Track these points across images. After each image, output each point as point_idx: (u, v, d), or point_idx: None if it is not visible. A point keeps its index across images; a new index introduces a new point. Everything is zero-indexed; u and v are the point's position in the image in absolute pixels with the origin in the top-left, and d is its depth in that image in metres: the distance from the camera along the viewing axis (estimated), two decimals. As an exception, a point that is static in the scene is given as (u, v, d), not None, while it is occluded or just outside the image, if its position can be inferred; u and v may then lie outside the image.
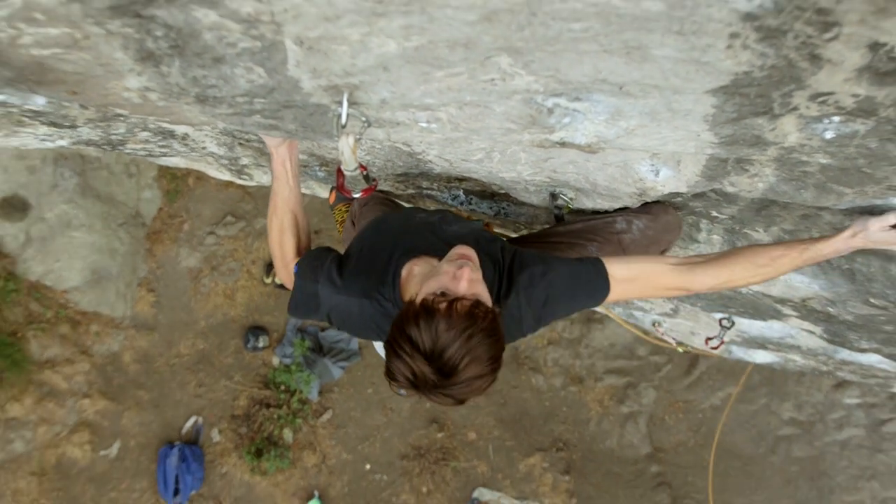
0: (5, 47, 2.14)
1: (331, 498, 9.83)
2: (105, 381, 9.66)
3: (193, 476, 9.52)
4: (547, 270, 2.96)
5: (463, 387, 2.42)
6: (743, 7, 1.67)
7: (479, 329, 2.38)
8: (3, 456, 9.32)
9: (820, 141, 2.36)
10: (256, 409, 9.86)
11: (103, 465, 9.59)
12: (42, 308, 9.38)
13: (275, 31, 1.98)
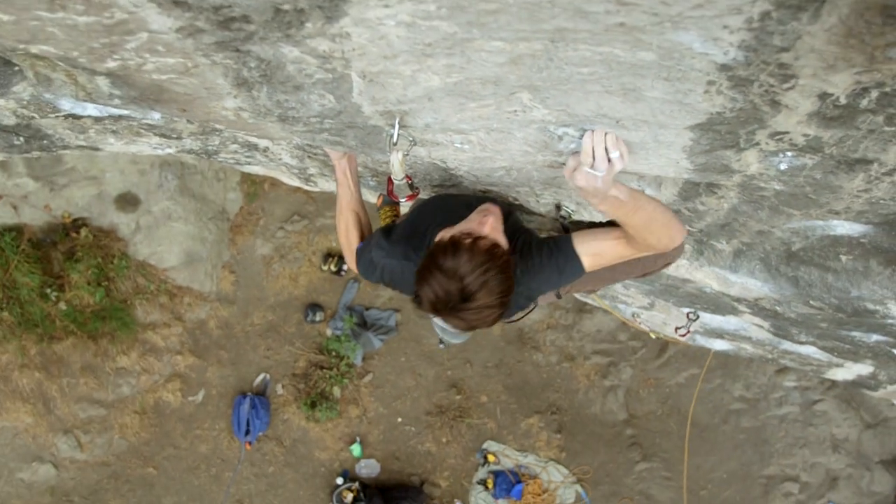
0: (132, 72, 2.16)
1: (369, 443, 9.85)
2: (194, 342, 9.72)
3: (261, 420, 9.55)
4: (542, 262, 2.86)
5: (475, 312, 2.42)
6: (720, 59, 1.68)
7: (496, 265, 2.38)
8: (114, 397, 9.40)
9: (776, 171, 2.36)
10: (312, 370, 9.88)
11: (190, 408, 9.65)
12: (147, 282, 9.44)
13: (344, 66, 2.00)
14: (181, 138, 3.69)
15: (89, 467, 9.30)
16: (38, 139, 3.70)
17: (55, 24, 1.91)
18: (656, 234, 2.59)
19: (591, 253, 2.79)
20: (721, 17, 1.51)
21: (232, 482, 9.54)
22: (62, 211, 8.97)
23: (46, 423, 9.14)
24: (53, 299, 8.95)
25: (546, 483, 9.65)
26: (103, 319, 9.23)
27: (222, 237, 9.85)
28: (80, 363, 9.29)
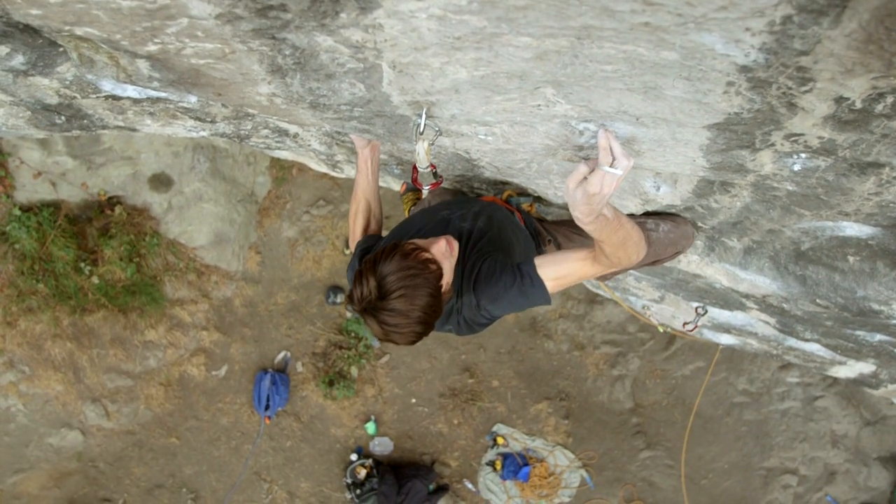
0: (172, 56, 2.17)
1: (383, 422, 9.87)
2: (219, 318, 9.76)
3: (280, 396, 9.59)
4: (507, 286, 2.74)
5: (389, 315, 2.38)
6: (740, 61, 1.67)
7: (424, 277, 2.36)
8: (141, 368, 9.46)
9: (789, 172, 2.34)
10: (331, 350, 9.90)
11: (213, 382, 9.70)
12: (176, 259, 9.49)
13: (375, 56, 1.99)
14: (215, 122, 3.70)
15: (115, 435, 9.38)
16: (78, 119, 3.72)
17: (100, 7, 1.92)
18: (629, 251, 2.50)
19: (554, 277, 2.69)
20: (744, 20, 1.49)
21: (251, 455, 9.60)
22: (98, 189, 9.02)
23: (76, 391, 9.21)
24: (87, 273, 9.01)
25: (552, 467, 9.65)
26: (133, 294, 9.28)
27: (250, 219, 9.88)
28: (109, 335, 9.35)
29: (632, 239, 2.46)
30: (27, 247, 8.70)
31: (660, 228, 3.46)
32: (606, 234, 2.35)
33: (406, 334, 2.45)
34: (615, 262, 2.54)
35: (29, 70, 2.64)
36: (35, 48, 2.45)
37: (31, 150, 8.63)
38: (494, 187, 3.91)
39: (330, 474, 9.70)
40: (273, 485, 9.61)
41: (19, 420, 9.06)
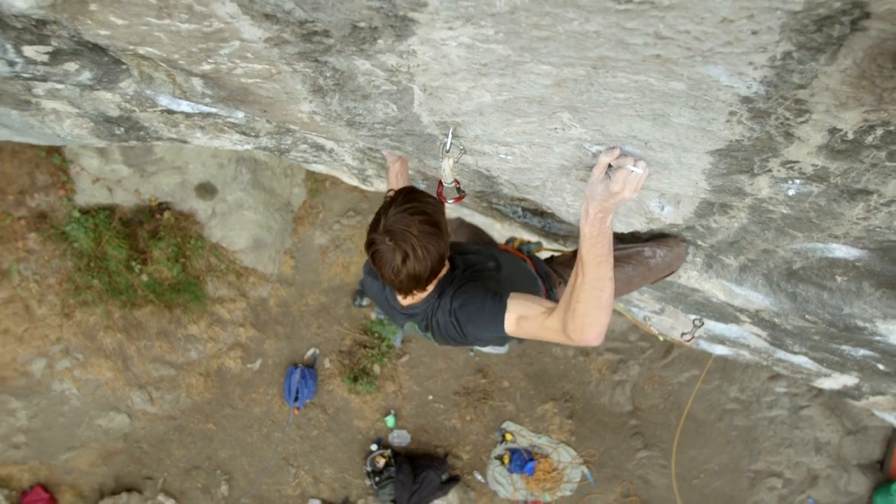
0: (223, 75, 2.19)
1: (402, 416, 9.86)
2: (255, 316, 9.79)
3: (309, 389, 9.60)
4: (478, 301, 2.66)
5: (392, 236, 2.45)
6: (743, 92, 1.66)
7: (421, 211, 2.46)
8: (183, 360, 9.50)
9: (784, 196, 2.33)
10: (356, 348, 9.90)
11: (248, 374, 9.73)
12: (218, 261, 9.53)
13: (408, 80, 2.00)
14: (258, 136, 3.73)
15: (158, 419, 9.42)
16: (135, 130, 3.76)
17: (161, 30, 1.94)
18: (593, 305, 2.26)
19: (518, 314, 2.55)
20: (747, 54, 1.49)
21: (280, 442, 9.61)
22: (150, 195, 9.09)
23: (124, 378, 9.26)
24: (137, 271, 9.08)
25: (556, 462, 9.60)
26: (178, 291, 9.34)
27: (286, 227, 9.92)
28: (156, 328, 9.40)
29: (605, 288, 2.26)
30: (84, 246, 8.79)
31: (657, 255, 3.46)
32: (596, 250, 2.24)
33: (400, 263, 2.47)
34: (570, 313, 2.31)
35: (95, 85, 2.66)
36: (101, 65, 2.48)
37: (90, 158, 8.71)
38: (512, 203, 3.91)
39: (352, 462, 9.69)
40: (300, 470, 9.61)
41: (73, 403, 9.12)
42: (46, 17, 1.99)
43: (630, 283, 3.40)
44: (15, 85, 2.81)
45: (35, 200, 8.77)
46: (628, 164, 2.17)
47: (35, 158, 8.65)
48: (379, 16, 1.67)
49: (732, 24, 1.39)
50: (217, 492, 9.36)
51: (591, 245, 2.24)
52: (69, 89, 2.87)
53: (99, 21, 1.95)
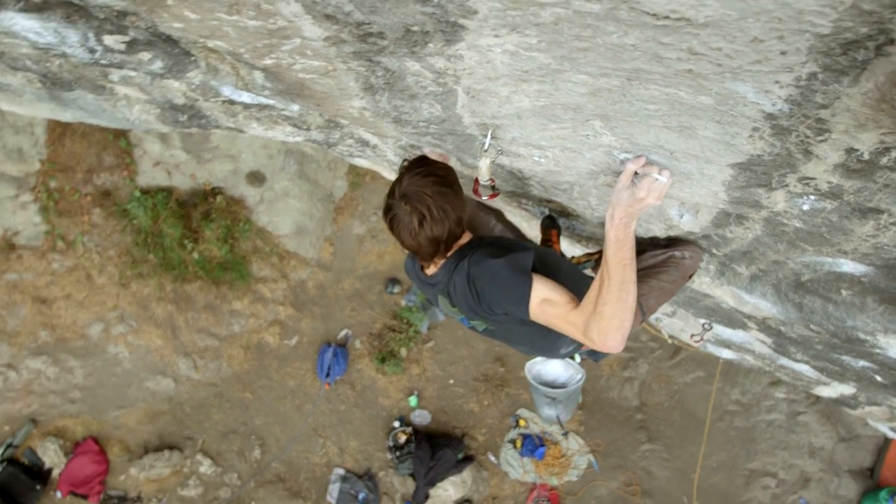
0: (283, 69, 2.21)
1: (424, 397, 9.88)
2: (294, 297, 9.86)
3: (340, 367, 9.65)
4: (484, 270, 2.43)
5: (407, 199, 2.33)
6: (767, 109, 1.65)
7: (434, 174, 2.36)
8: (226, 332, 9.60)
9: (798, 211, 2.29)
10: (386, 332, 9.94)
11: (285, 350, 9.81)
12: (263, 244, 9.62)
13: (454, 82, 2.00)
14: (309, 129, 3.74)
15: (200, 385, 9.53)
16: (197, 118, 3.80)
17: (230, 25, 1.96)
18: (619, 306, 2.16)
19: (544, 296, 2.33)
20: (775, 73, 1.48)
21: (310, 413, 9.68)
22: (204, 180, 9.20)
23: (172, 346, 9.39)
24: (189, 249, 9.19)
25: (565, 449, 9.57)
26: (225, 270, 9.44)
27: (327, 216, 9.98)
28: (203, 302, 9.51)
29: (630, 291, 2.18)
30: (143, 223, 8.92)
31: (685, 255, 3.36)
32: (621, 253, 2.16)
33: (418, 224, 2.34)
34: (592, 314, 2.19)
35: (165, 74, 2.70)
36: (172, 56, 2.51)
37: (152, 144, 8.83)
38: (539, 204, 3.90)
39: (375, 437, 9.73)
40: (327, 440, 9.67)
41: (124, 365, 9.26)
42: (127, 9, 2.02)
43: (674, 286, 3.29)
44: (93, 71, 2.86)
45: (101, 179, 8.91)
46: (654, 172, 2.15)
47: (103, 141, 8.78)
48: (431, 21, 1.67)
49: (763, 43, 1.37)
50: (250, 455, 9.46)
51: (616, 248, 2.17)
52: (141, 77, 2.91)
53: (174, 14, 1.98)
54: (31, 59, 2.71)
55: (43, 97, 3.59)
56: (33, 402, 8.96)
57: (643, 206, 2.18)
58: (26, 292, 8.86)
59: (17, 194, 8.59)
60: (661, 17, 1.37)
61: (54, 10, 2.22)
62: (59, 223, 8.84)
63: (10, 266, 8.75)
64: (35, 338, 8.96)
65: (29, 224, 8.74)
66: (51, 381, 9.00)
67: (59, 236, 8.85)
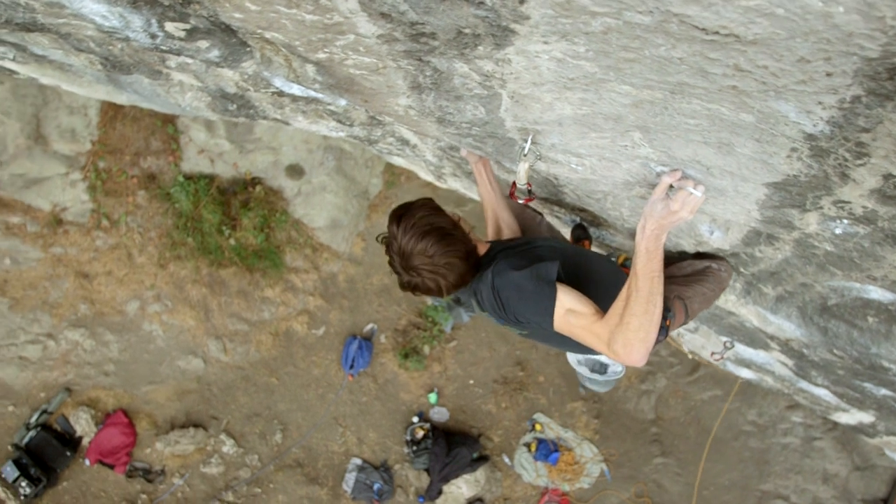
0: (335, 64, 2.23)
1: (444, 395, 9.89)
2: (324, 288, 9.92)
3: (364, 359, 9.69)
4: (508, 283, 2.40)
5: (417, 272, 2.40)
6: (808, 129, 1.63)
7: (424, 231, 2.37)
8: (257, 318, 9.69)
9: (831, 234, 2.26)
10: (410, 329, 9.96)
11: (312, 339, 9.87)
12: (297, 235, 9.69)
13: (500, 86, 2.01)
14: (352, 125, 3.77)
15: (228, 368, 9.63)
16: (246, 108, 3.85)
17: (288, 18, 1.99)
18: (644, 320, 2.10)
19: (568, 306, 2.27)
20: (818, 94, 1.46)
21: (332, 403, 9.73)
22: (245, 169, 9.30)
23: (204, 328, 9.50)
24: (226, 235, 9.30)
25: (578, 456, 9.52)
26: (260, 258, 9.54)
27: (361, 212, 10.03)
28: (236, 287, 9.61)
29: (657, 304, 2.13)
30: (184, 207, 9.04)
31: (721, 268, 3.32)
32: (650, 265, 2.12)
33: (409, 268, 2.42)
34: (629, 329, 2.11)
35: (220, 62, 2.74)
36: (229, 45, 2.55)
37: (198, 132, 8.96)
38: (571, 212, 3.90)
39: (394, 430, 9.76)
40: (346, 430, 9.72)
41: (158, 343, 9.39)
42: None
43: (713, 296, 3.25)
44: (152, 56, 2.92)
45: (147, 163, 9.06)
46: (689, 186, 2.13)
47: (152, 126, 8.92)
48: (484, 24, 1.68)
49: (809, 64, 1.37)
50: (272, 439, 9.53)
51: (646, 260, 2.13)
52: (197, 64, 2.96)
53: (235, 5, 2.01)
54: (95, 41, 2.77)
55: (102, 79, 3.67)
56: (69, 371, 9.12)
57: (675, 220, 2.15)
58: (70, 266, 9.02)
59: (68, 172, 8.76)
60: (710, 32, 1.36)
61: (121, -5, 2.27)
62: (105, 202, 8.99)
63: (56, 240, 8.92)
64: (75, 310, 9.12)
65: (77, 201, 8.90)
66: (87, 353, 9.16)
67: (104, 215, 9.00)
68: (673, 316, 2.96)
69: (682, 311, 3.05)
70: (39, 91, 8.21)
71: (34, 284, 8.94)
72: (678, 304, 3.04)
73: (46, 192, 8.74)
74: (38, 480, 8.50)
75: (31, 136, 8.40)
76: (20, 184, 8.59)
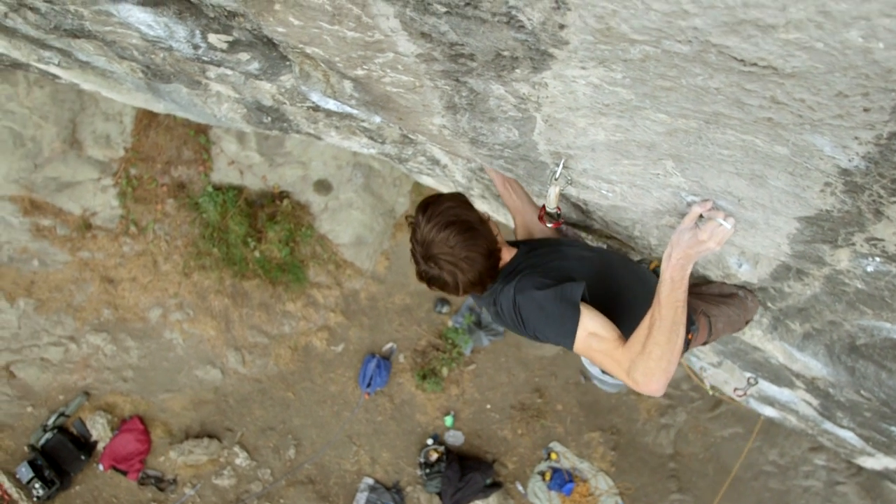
0: (373, 81, 2.27)
1: (460, 418, 9.85)
2: (346, 305, 9.97)
3: (381, 378, 9.70)
4: (530, 300, 2.35)
5: (435, 261, 2.35)
6: (843, 164, 1.63)
7: (449, 222, 2.33)
8: (277, 332, 9.74)
9: (862, 271, 2.25)
10: (430, 350, 9.97)
11: (331, 355, 9.90)
12: (322, 250, 9.77)
13: (535, 109, 2.03)
14: (384, 143, 3.81)
15: (246, 380, 9.67)
16: (280, 121, 3.91)
17: (330, 34, 2.04)
18: (667, 344, 2.10)
19: (591, 330, 2.24)
20: (855, 129, 1.47)
21: (348, 421, 9.73)
22: (274, 183, 9.41)
23: (224, 338, 9.56)
24: (251, 247, 9.39)
25: (593, 488, 9.41)
26: (283, 271, 9.61)
27: (386, 230, 10.09)
28: (258, 300, 9.68)
29: (678, 335, 2.12)
30: (211, 217, 9.15)
31: (748, 297, 3.30)
32: (675, 294, 2.11)
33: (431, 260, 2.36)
34: (651, 357, 2.11)
35: (259, 75, 2.80)
36: (269, 59, 2.61)
37: (229, 143, 9.09)
38: (598, 240, 3.90)
39: (408, 451, 9.73)
40: (360, 449, 9.71)
41: (177, 351, 9.47)
42: (238, 10, 2.12)
43: (733, 323, 3.21)
44: (193, 66, 2.99)
45: (178, 172, 9.20)
46: (719, 217, 2.14)
47: (184, 136, 9.08)
48: (522, 48, 1.71)
49: (847, 98, 1.38)
50: (285, 454, 9.54)
51: (670, 289, 2.12)
52: (236, 76, 3.02)
53: (279, 19, 2.06)
54: (139, 49, 2.84)
55: (141, 87, 3.76)
56: (89, 375, 9.22)
57: (703, 250, 2.15)
58: (96, 270, 9.16)
59: (100, 178, 8.92)
60: (748, 63, 1.38)
61: (168, 6, 2.34)
62: (134, 209, 9.14)
63: (84, 244, 9.07)
64: (98, 315, 9.24)
65: (107, 206, 9.05)
66: (107, 358, 9.26)
67: (132, 221, 9.14)
68: (697, 330, 2.96)
69: (705, 327, 3.04)
70: (77, 96, 8.40)
71: (60, 287, 9.08)
72: (703, 319, 3.04)
73: (78, 196, 8.91)
74: (52, 483, 8.58)
75: (66, 140, 8.58)
76: (53, 187, 8.76)
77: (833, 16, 1.17)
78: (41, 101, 8.28)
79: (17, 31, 3.01)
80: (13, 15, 2.73)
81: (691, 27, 1.35)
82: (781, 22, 1.23)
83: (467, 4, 1.61)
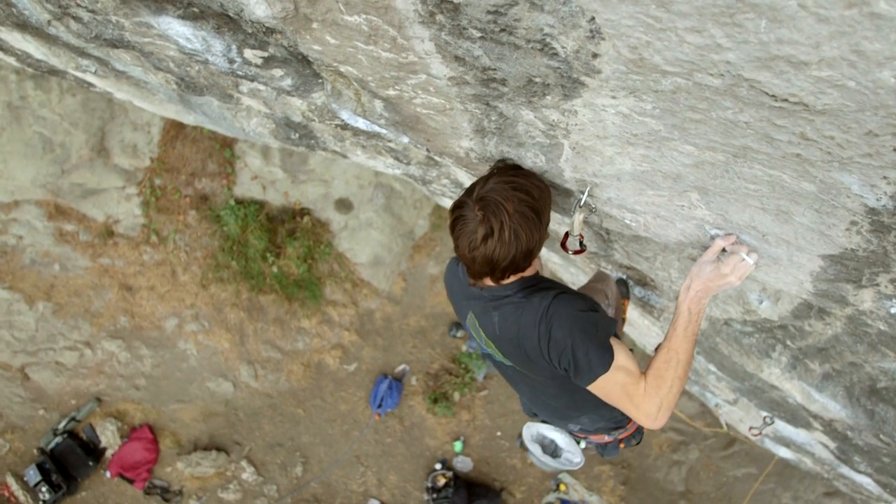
0: (404, 102, 2.31)
1: (469, 444, 9.80)
2: (360, 324, 9.99)
3: (392, 400, 9.69)
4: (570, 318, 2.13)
5: (483, 205, 2.08)
6: (870, 203, 1.63)
7: (526, 191, 2.14)
8: (291, 348, 9.78)
9: (885, 313, 2.23)
10: (442, 373, 9.95)
11: (343, 374, 9.91)
12: (339, 269, 9.82)
13: (563, 136, 2.05)
14: (409, 164, 3.84)
15: (257, 394, 9.70)
16: (307, 138, 3.97)
17: (364, 54, 2.08)
18: (682, 378, 2.09)
19: (619, 363, 2.12)
20: (884, 168, 1.47)
21: (356, 441, 9.71)
22: (295, 199, 9.50)
23: (238, 352, 9.61)
24: (270, 262, 9.46)
25: (601, 523, 9.33)
26: (300, 288, 9.67)
27: (404, 252, 10.13)
28: (274, 315, 9.74)
29: (686, 365, 2.12)
30: (232, 231, 9.24)
31: None
32: (691, 328, 2.11)
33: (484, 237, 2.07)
34: (672, 392, 2.09)
35: (292, 91, 2.85)
36: (302, 76, 2.66)
37: (254, 158, 9.20)
38: (619, 269, 3.90)
39: (415, 475, 9.68)
40: (368, 470, 9.67)
41: (191, 362, 9.53)
42: (276, 27, 2.17)
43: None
44: (226, 80, 3.05)
45: (202, 184, 9.31)
46: (742, 251, 2.14)
47: (210, 148, 9.20)
48: (554, 75, 1.74)
49: (877, 137, 1.39)
50: (292, 471, 9.53)
51: (686, 322, 2.11)
52: (268, 91, 3.08)
53: (316, 37, 2.11)
54: (175, 61, 2.91)
55: (173, 98, 3.83)
56: (102, 381, 9.29)
57: (723, 284, 2.14)
58: (115, 277, 9.26)
59: (125, 186, 9.05)
60: (779, 98, 1.40)
61: (207, 20, 2.40)
62: (157, 219, 9.25)
63: (105, 251, 9.18)
64: (115, 321, 9.33)
65: (130, 215, 9.18)
66: (121, 365, 9.33)
67: (154, 231, 9.25)
68: None
69: None
70: (108, 105, 8.56)
71: (79, 292, 9.19)
72: None
73: (102, 204, 9.04)
74: (59, 487, 8.62)
75: (94, 147, 8.73)
76: (78, 193, 8.90)
77: (866, 55, 1.18)
78: (72, 108, 8.44)
79: (58, 38, 3.09)
80: (56, 23, 2.81)
81: (724, 61, 1.37)
82: (814, 59, 1.25)
83: (503, 31, 1.64)
